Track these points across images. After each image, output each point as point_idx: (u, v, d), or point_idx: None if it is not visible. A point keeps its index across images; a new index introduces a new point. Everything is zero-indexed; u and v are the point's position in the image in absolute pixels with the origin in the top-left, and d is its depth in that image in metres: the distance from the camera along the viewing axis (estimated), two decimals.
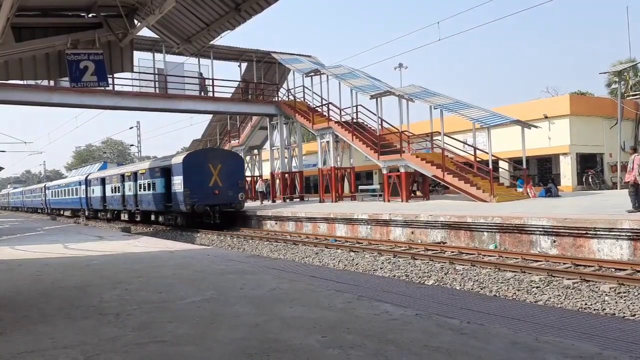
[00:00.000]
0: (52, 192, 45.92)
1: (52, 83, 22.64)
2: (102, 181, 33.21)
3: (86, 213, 36.86)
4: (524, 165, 21.02)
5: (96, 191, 34.19)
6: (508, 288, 9.11)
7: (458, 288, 9.52)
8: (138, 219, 28.55)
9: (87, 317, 4.99)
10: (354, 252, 14.23)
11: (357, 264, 12.61)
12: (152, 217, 27.04)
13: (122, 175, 29.74)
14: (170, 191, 23.99)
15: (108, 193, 32.17)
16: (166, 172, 24.37)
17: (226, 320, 4.71)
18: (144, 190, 26.91)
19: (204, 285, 6.53)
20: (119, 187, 30.08)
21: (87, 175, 36.97)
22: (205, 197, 22.61)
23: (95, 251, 11.45)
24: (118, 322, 4.74)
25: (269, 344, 3.90)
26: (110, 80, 22.03)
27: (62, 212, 44.19)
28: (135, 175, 28.03)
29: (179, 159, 23.68)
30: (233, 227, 23.22)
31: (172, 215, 24.78)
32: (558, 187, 22.23)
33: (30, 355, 3.80)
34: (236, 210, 23.71)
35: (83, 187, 36.79)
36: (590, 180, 25.12)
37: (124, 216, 30.40)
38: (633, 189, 12.49)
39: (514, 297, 8.64)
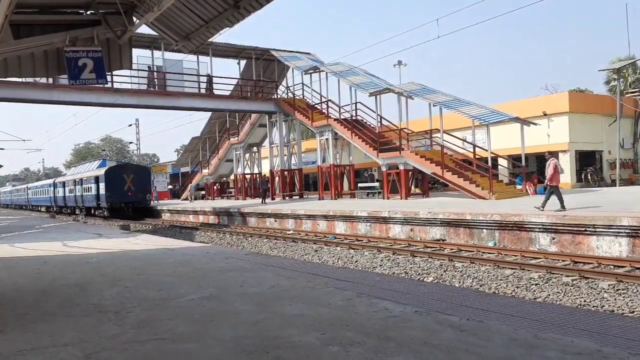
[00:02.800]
0: (32, 192, 56.65)
1: (50, 80, 22.60)
2: (63, 184, 43.31)
3: (54, 209, 46.32)
4: (523, 163, 21.04)
5: (59, 192, 44.16)
6: (507, 285, 9.13)
7: (457, 285, 9.53)
8: (85, 212, 37.99)
9: (86, 315, 4.99)
10: (354, 249, 14.24)
11: (356, 262, 12.62)
12: (92, 211, 36.92)
13: (74, 181, 39.92)
14: (99, 193, 34.19)
15: (67, 194, 42.05)
16: (97, 180, 34.53)
17: (226, 318, 4.71)
18: (86, 192, 36.93)
19: (204, 283, 6.53)
20: (72, 189, 40.32)
21: (55, 180, 48.66)
22: (121, 197, 32.97)
23: (94, 249, 11.45)
24: (118, 320, 4.74)
25: (269, 341, 3.90)
26: (108, 78, 22.00)
27: (39, 208, 53.34)
28: (81, 181, 38.14)
29: (102, 172, 34.15)
30: (142, 218, 32.82)
31: (101, 209, 34.77)
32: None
33: (30, 353, 3.80)
34: (145, 206, 34.25)
35: (52, 188, 46.78)
36: (589, 177, 25.15)
37: (77, 211, 39.85)
38: (550, 190, 13.64)
39: (513, 294, 8.66)
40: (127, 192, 33.24)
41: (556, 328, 4.18)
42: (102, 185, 33.66)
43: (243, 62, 31.23)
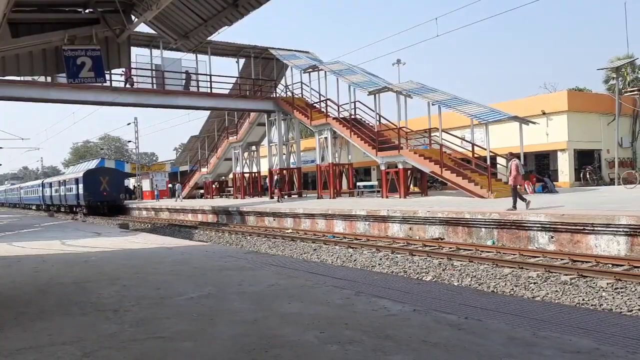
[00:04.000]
0: (24, 191, 62.05)
1: (49, 79, 22.56)
2: (50, 185, 48.30)
3: (43, 207, 51.25)
4: (522, 162, 21.04)
5: (47, 192, 48.96)
6: (506, 284, 9.14)
7: (456, 284, 9.54)
8: (68, 210, 42.86)
9: (85, 314, 4.99)
10: (352, 248, 14.24)
11: (355, 260, 12.62)
12: (74, 209, 41.32)
13: (59, 182, 45.15)
14: (79, 193, 38.88)
15: (53, 193, 46.65)
16: (77, 181, 39.50)
17: (225, 317, 4.71)
18: (68, 192, 41.84)
19: (203, 282, 6.53)
20: (57, 189, 45.07)
21: (43, 181, 53.55)
22: (97, 196, 37.77)
23: (93, 247, 11.43)
24: (116, 318, 4.73)
25: (268, 339, 3.90)
26: (107, 76, 21.97)
27: (31, 206, 58.03)
28: (64, 182, 43.20)
29: (80, 174, 39.72)
30: (116, 215, 37.36)
31: (81, 207, 39.22)
32: (555, 183, 22.28)
33: (28, 352, 3.80)
34: (118, 205, 39.18)
35: (40, 188, 51.80)
36: (587, 176, 25.17)
37: (62, 209, 44.57)
38: (514, 190, 14.10)
39: (512, 292, 8.67)
40: (103, 192, 38.32)
41: (555, 326, 4.18)
42: (80, 186, 38.69)
43: (242, 61, 31.18)
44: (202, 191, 40.96)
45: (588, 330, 4.05)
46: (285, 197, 28.04)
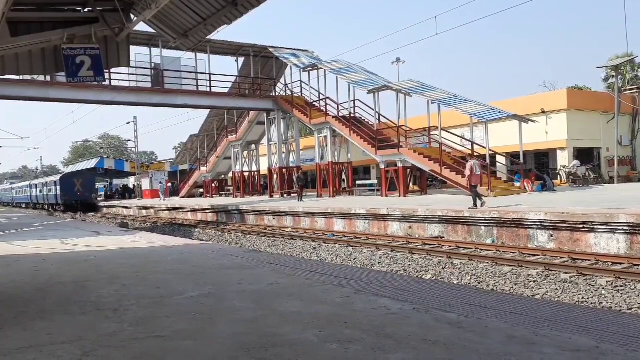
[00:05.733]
0: (15, 191, 69.73)
1: (48, 78, 22.54)
2: (36, 186, 55.83)
3: (31, 205, 58.20)
4: (522, 160, 21.05)
5: (33, 192, 56.18)
6: (505, 282, 9.14)
7: (456, 282, 9.54)
8: (47, 208, 50.16)
9: (85, 313, 4.99)
10: (352, 247, 14.24)
11: (355, 259, 12.63)
12: (53, 207, 48.17)
13: (42, 184, 52.82)
14: (57, 193, 46.13)
15: (38, 193, 53.99)
16: (55, 184, 46.78)
17: (224, 315, 4.71)
18: (49, 192, 48.93)
19: (202, 281, 6.53)
20: (41, 190, 52.24)
21: (30, 182, 62.25)
22: (72, 196, 44.50)
23: (93, 247, 11.43)
24: (116, 318, 4.73)
25: (267, 338, 3.90)
26: (106, 75, 21.96)
27: (21, 205, 64.53)
28: (46, 184, 50.66)
29: (58, 178, 47.59)
30: (87, 212, 42.89)
31: (59, 205, 46.13)
32: (554, 181, 22.27)
33: (28, 351, 3.80)
34: (90, 203, 45.51)
35: (28, 189, 59.22)
36: (586, 174, 25.13)
37: (46, 207, 51.19)
38: (473, 189, 14.86)
39: (511, 291, 8.67)
40: (77, 193, 45.01)
41: (554, 325, 4.18)
42: (58, 188, 45.64)
43: (241, 60, 31.15)
44: (201, 190, 40.95)
45: (588, 329, 4.05)
46: (304, 195, 25.35)
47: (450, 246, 12.84)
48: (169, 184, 47.23)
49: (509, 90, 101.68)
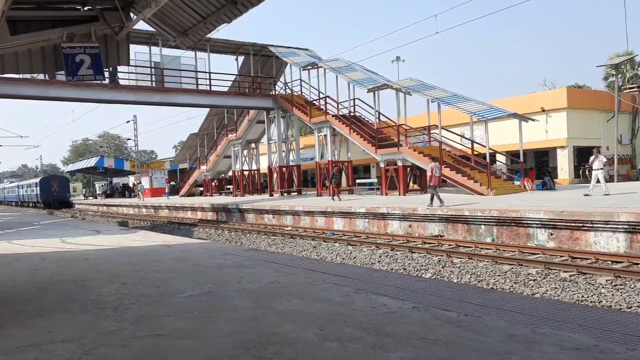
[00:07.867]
0: (7, 190, 76.09)
1: (48, 77, 22.50)
2: (22, 187, 63.35)
3: (19, 204, 64.49)
4: (521, 159, 21.05)
5: (21, 192, 64.00)
6: (505, 281, 9.15)
7: (455, 281, 9.55)
8: (32, 205, 57.18)
9: (85, 311, 4.99)
10: (352, 245, 14.25)
11: (354, 258, 12.63)
12: (35, 205, 55.37)
13: (27, 185, 61.37)
14: (37, 193, 53.59)
15: (24, 193, 61.87)
16: (36, 185, 54.57)
17: (224, 314, 4.71)
18: (31, 192, 57.20)
19: (202, 279, 6.53)
20: (27, 190, 60.22)
21: (18, 183, 69.44)
22: (50, 196, 51.76)
23: (92, 245, 11.42)
24: (116, 316, 4.73)
25: (267, 337, 3.90)
26: (106, 74, 21.94)
27: (12, 203, 69.81)
28: (30, 185, 58.94)
29: (38, 180, 55.29)
30: (61, 209, 48.90)
31: (40, 203, 52.86)
32: (555, 180, 22.27)
33: (28, 349, 3.80)
34: (65, 201, 52.87)
35: (17, 189, 66.76)
36: (587, 173, 25.15)
37: (31, 205, 57.71)
38: (432, 189, 15.79)
39: (511, 289, 8.68)
40: (54, 193, 52.40)
41: (554, 323, 4.18)
42: (38, 188, 53.53)
43: (241, 58, 31.12)
44: (201, 189, 40.92)
45: (587, 327, 4.05)
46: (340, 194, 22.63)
47: (450, 245, 12.84)
48: (172, 183, 47.29)
49: (509, 88, 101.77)
